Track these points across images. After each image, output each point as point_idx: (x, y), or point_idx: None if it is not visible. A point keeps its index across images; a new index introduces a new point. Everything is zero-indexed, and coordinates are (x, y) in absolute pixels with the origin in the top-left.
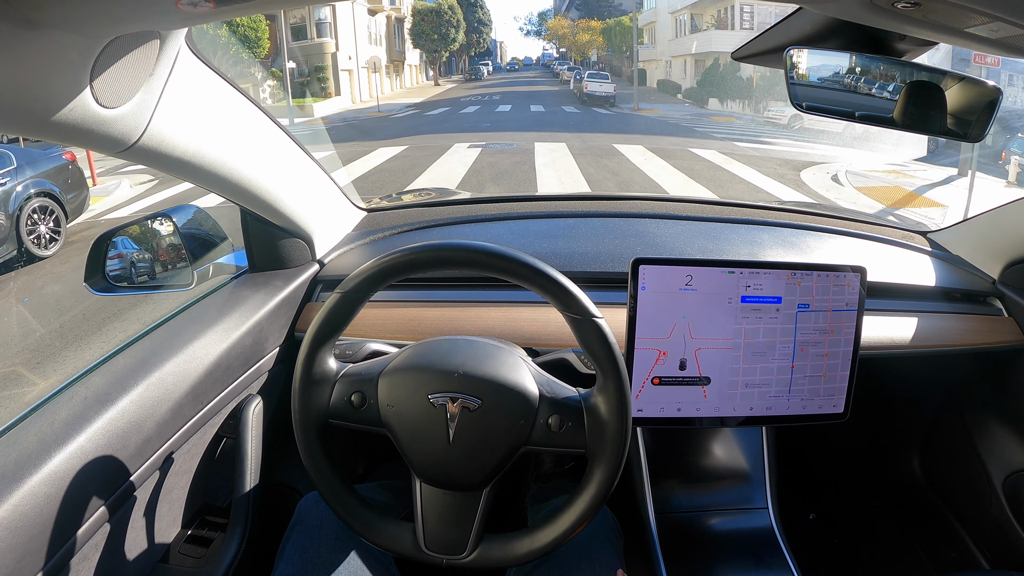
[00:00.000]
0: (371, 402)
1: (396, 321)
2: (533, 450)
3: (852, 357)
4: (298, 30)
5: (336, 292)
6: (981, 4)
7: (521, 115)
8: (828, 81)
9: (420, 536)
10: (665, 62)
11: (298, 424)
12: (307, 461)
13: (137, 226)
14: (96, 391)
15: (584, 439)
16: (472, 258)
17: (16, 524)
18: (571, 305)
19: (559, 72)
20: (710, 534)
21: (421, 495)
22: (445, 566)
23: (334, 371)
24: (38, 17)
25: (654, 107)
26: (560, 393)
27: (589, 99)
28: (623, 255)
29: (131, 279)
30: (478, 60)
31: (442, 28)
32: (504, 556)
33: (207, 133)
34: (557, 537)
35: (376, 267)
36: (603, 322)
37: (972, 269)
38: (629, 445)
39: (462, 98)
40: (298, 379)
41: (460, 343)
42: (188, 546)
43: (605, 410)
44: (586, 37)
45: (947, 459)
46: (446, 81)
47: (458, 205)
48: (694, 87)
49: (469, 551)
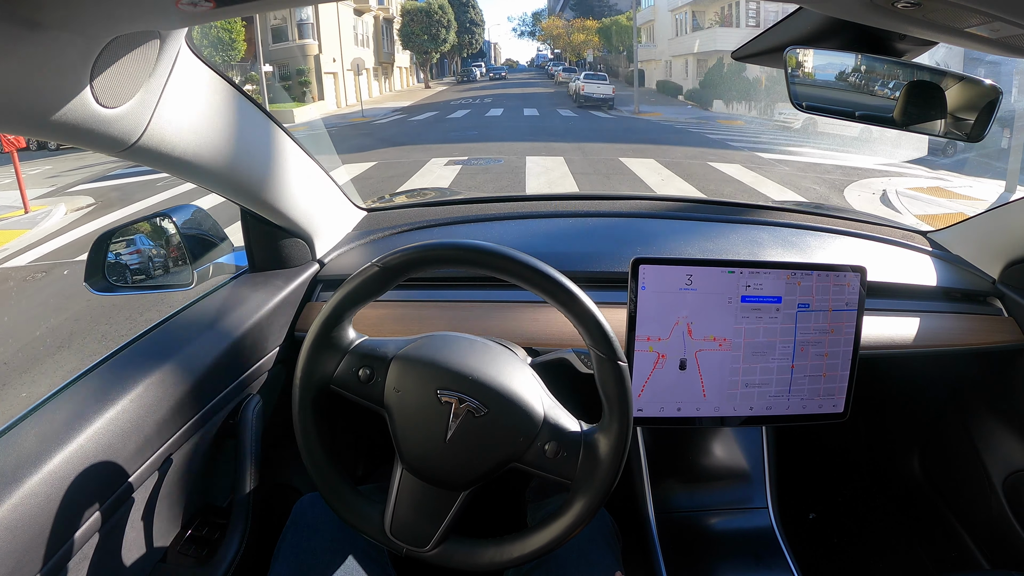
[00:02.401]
0: (378, 380)
1: (396, 321)
2: (522, 468)
3: (852, 357)
4: (279, 31)
5: (376, 264)
6: (981, 4)
7: (513, 121)
8: (828, 81)
9: (388, 520)
10: (665, 62)
11: (299, 382)
12: (297, 423)
13: (137, 226)
14: (96, 391)
15: (574, 472)
16: (518, 271)
17: (16, 524)
18: (600, 344)
19: (554, 73)
20: (710, 534)
21: (399, 482)
22: (405, 555)
23: (349, 340)
24: (38, 17)
25: (656, 110)
26: (564, 423)
27: (586, 101)
28: (623, 255)
29: (131, 279)
30: (471, 62)
31: (432, 29)
32: (465, 560)
33: (207, 133)
34: (523, 555)
35: (423, 250)
36: (625, 367)
37: (972, 269)
38: (614, 487)
39: (451, 101)
40: (312, 338)
41: (478, 345)
42: (188, 546)
43: (603, 449)
44: (581, 37)
45: (947, 459)
46: (437, 84)
47: (458, 205)
48: (696, 88)
49: (432, 546)
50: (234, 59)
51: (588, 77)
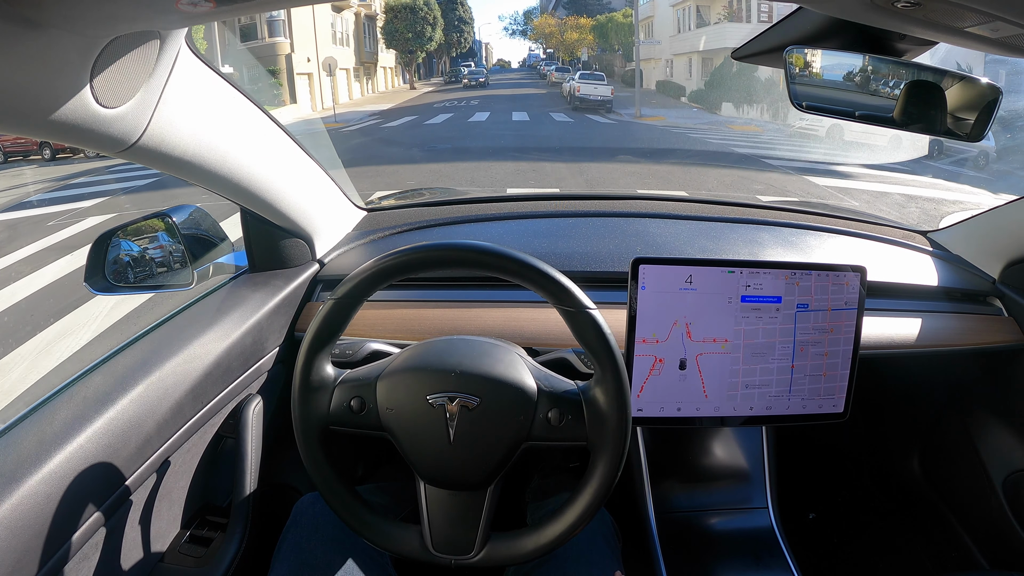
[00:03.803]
0: (370, 406)
1: (396, 321)
2: (535, 445)
3: (852, 357)
4: (247, 30)
5: (330, 298)
6: (981, 4)
7: (499, 128)
8: (828, 80)
9: (427, 538)
10: (665, 61)
11: (299, 432)
12: (311, 468)
13: (137, 225)
14: (96, 391)
15: (585, 432)
16: (464, 257)
17: (16, 524)
18: (564, 298)
19: (546, 73)
20: (710, 534)
21: (426, 497)
22: (454, 567)
23: (332, 377)
24: (38, 17)
25: (659, 113)
26: (558, 387)
27: (582, 104)
28: (623, 255)
29: (131, 278)
30: (460, 61)
31: (417, 26)
32: (511, 554)
33: (207, 133)
34: (563, 532)
35: (366, 272)
36: (596, 313)
37: (972, 269)
38: (630, 438)
39: (435, 104)
40: (297, 387)
41: (456, 343)
42: (188, 546)
43: (604, 402)
44: (575, 36)
45: (947, 459)
46: (424, 84)
47: (458, 204)
48: (701, 89)
49: (477, 550)
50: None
51: (584, 77)
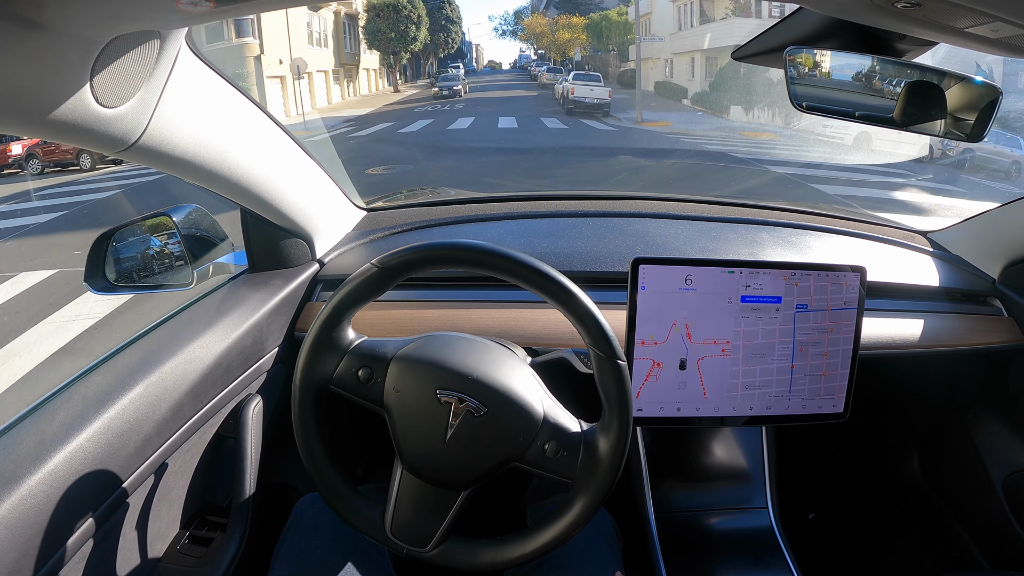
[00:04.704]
0: (377, 380)
1: (396, 321)
2: (522, 468)
3: (852, 357)
4: (213, 29)
5: (375, 265)
6: (981, 4)
7: (482, 136)
8: (828, 81)
9: (388, 520)
10: (664, 61)
11: (299, 383)
12: (297, 424)
13: (137, 225)
14: (96, 391)
15: (575, 472)
16: (522, 272)
17: (15, 524)
18: (600, 343)
19: (537, 74)
20: (710, 534)
21: (400, 482)
22: (405, 555)
23: (349, 340)
24: (38, 17)
25: (662, 117)
26: (564, 423)
27: (576, 107)
28: (623, 255)
29: (131, 278)
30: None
31: (400, 25)
32: (466, 560)
33: (207, 132)
34: (523, 555)
35: (424, 251)
36: (625, 366)
37: (972, 269)
38: (614, 486)
39: (416, 108)
40: (311, 339)
41: (477, 345)
42: (188, 546)
43: (603, 449)
44: (567, 35)
45: (947, 459)
46: (410, 87)
47: (458, 204)
48: (705, 91)
49: (432, 546)
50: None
51: (578, 78)
